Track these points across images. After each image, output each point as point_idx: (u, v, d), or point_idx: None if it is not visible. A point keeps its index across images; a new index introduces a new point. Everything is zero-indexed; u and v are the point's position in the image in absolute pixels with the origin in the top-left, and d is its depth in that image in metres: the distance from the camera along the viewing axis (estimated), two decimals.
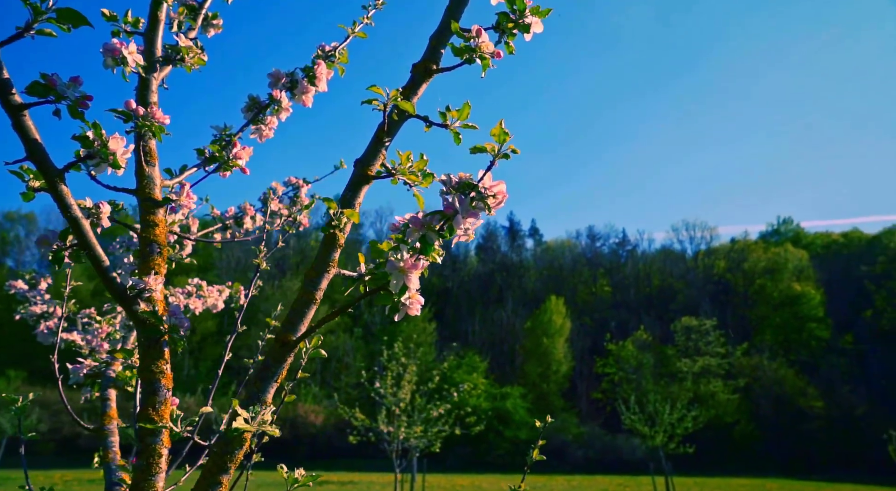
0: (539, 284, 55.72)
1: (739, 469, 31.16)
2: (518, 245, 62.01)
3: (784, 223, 60.59)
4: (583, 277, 58.18)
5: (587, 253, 61.63)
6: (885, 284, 46.89)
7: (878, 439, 25.45)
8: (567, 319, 43.69)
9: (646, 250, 60.93)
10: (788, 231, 59.27)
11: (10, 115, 1.02)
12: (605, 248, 61.80)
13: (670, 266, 56.94)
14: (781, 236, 58.20)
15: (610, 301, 54.15)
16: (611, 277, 57.69)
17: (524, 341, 43.40)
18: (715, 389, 36.37)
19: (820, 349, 43.03)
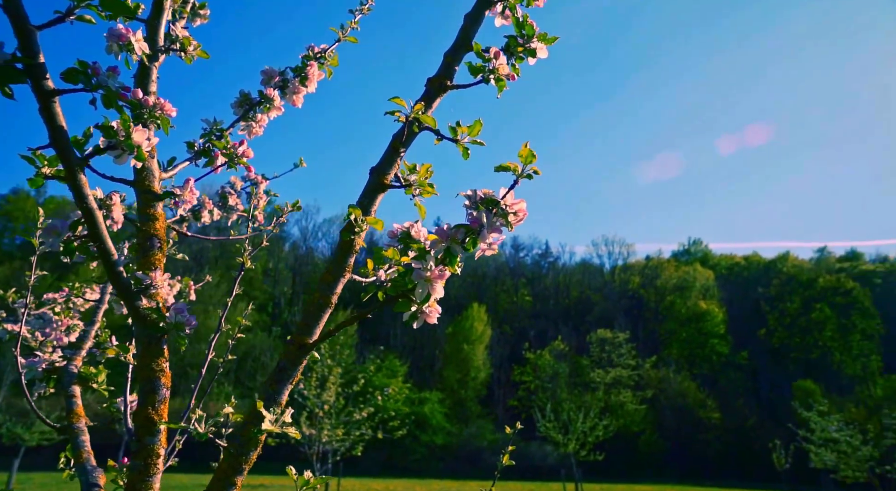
0: (462, 291, 56.28)
1: (643, 476, 32.73)
2: None
3: (694, 244, 64.34)
4: (505, 286, 59.31)
5: (510, 263, 62.91)
6: (778, 305, 50.71)
7: (765, 448, 27.50)
8: (488, 326, 44.40)
9: (566, 263, 62.98)
10: (698, 251, 62.97)
11: (40, 100, 0.99)
12: (528, 258, 63.35)
13: (589, 279, 59.08)
14: (691, 256, 61.73)
15: (530, 311, 55.53)
16: (532, 287, 59.16)
17: (445, 347, 43.70)
18: (624, 400, 37.99)
19: (720, 364, 45.91)
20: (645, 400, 39.01)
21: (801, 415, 21.79)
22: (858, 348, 45.82)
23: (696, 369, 44.60)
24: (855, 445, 18.50)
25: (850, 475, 18.48)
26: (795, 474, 28.28)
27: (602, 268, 61.48)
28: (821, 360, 45.88)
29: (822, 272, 52.76)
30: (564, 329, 49.61)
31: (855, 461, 18.36)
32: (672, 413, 37.70)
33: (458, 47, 1.47)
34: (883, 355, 46.05)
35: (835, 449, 19.14)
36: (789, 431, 24.52)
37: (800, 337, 47.43)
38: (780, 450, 22.94)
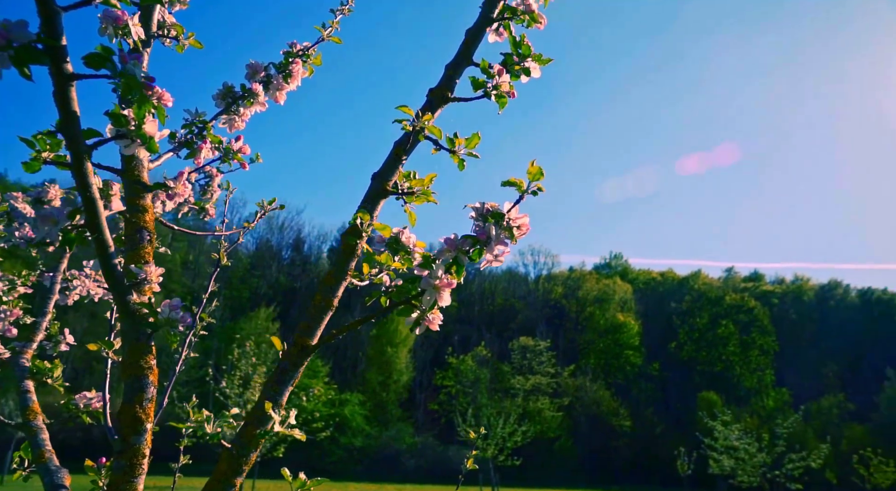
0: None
1: (557, 481, 33.69)
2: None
3: (615, 258, 67.01)
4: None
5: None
6: (688, 320, 53.63)
7: (670, 455, 29.01)
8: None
9: (493, 270, 63.96)
10: (618, 265, 65.62)
11: (57, 84, 0.95)
12: None
13: (514, 287, 60.29)
14: (612, 270, 64.24)
15: (455, 316, 56.01)
16: (458, 292, 59.57)
17: (368, 349, 43.38)
18: (542, 407, 39.00)
19: (633, 374, 48.00)
20: (562, 407, 40.20)
21: (706, 424, 23.19)
22: (756, 363, 49.16)
23: (611, 379, 46.40)
24: (751, 453, 19.98)
25: (746, 480, 19.93)
26: (696, 479, 29.95)
27: (527, 277, 62.86)
28: (723, 372, 48.87)
29: (728, 291, 56.26)
30: (488, 335, 50.39)
31: (750, 467, 19.83)
32: (587, 420, 39.06)
33: (459, 61, 1.51)
34: (776, 370, 49.62)
35: (734, 456, 20.58)
36: (693, 439, 25.99)
37: (706, 351, 50.31)
38: (684, 457, 24.25)
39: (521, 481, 29.22)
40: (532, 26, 1.54)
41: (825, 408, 41.20)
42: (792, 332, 52.95)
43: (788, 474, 19.08)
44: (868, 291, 61.05)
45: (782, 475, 18.79)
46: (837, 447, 31.47)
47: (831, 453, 23.47)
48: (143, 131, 1.08)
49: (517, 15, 1.52)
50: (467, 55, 1.51)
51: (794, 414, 24.92)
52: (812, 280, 62.04)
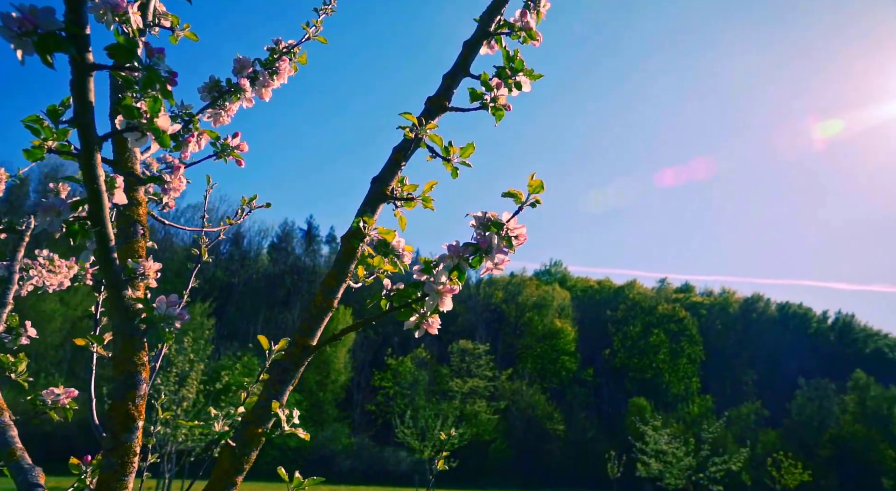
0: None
1: (491, 483, 34.07)
2: (313, 249, 61.21)
3: (555, 265, 68.47)
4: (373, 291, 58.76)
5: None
6: (622, 328, 55.41)
7: (600, 458, 29.92)
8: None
9: None
10: (557, 272, 67.07)
11: (77, 73, 0.93)
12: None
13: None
14: (551, 276, 65.59)
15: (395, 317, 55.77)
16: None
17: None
18: (479, 409, 39.39)
19: (568, 379, 49.16)
20: (498, 410, 40.71)
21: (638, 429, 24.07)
22: (684, 371, 51.27)
23: (546, 383, 47.34)
24: (679, 456, 20.94)
25: (673, 482, 20.86)
26: (624, 482, 30.95)
27: (469, 280, 63.29)
28: (653, 379, 50.72)
29: (661, 301, 58.47)
30: (427, 338, 50.48)
31: (677, 470, 20.77)
32: (522, 423, 39.72)
33: (456, 71, 1.54)
34: (701, 378, 51.93)
35: (662, 459, 21.49)
36: (623, 443, 26.90)
37: (638, 358, 52.10)
38: (615, 460, 25.04)
39: (456, 483, 29.41)
40: (528, 43, 1.59)
41: (744, 414, 43.39)
42: (718, 341, 55.59)
43: (711, 477, 20.23)
44: (786, 305, 64.78)
45: (706, 478, 19.86)
46: (753, 451, 33.24)
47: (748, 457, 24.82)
48: (156, 125, 1.07)
49: (514, 31, 1.57)
50: (465, 66, 1.55)
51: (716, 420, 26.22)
52: (738, 293, 65.29)
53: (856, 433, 42.05)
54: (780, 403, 46.91)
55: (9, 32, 0.86)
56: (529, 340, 51.51)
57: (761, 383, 53.48)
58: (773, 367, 54.56)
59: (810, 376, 47.72)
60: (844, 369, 49.93)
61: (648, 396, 45.38)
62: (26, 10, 0.86)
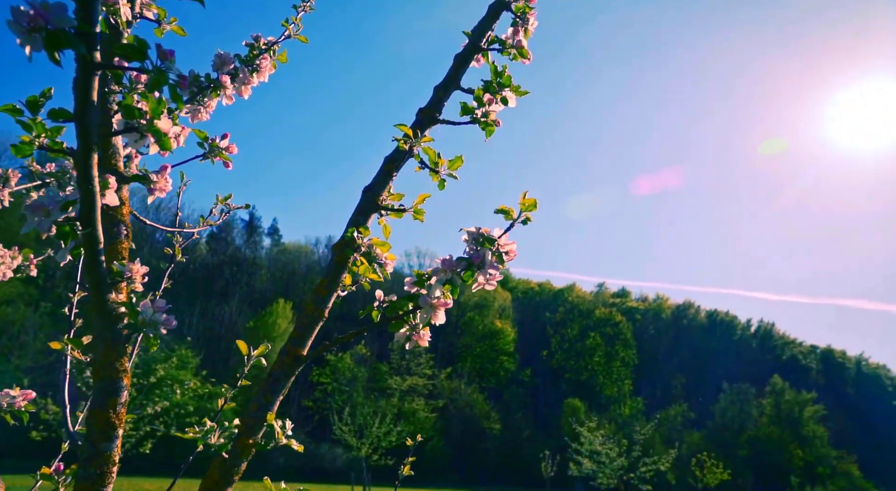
0: (269, 285, 54.32)
1: (427, 481, 34.15)
2: (254, 241, 59.84)
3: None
4: (314, 285, 58.07)
5: (322, 262, 62.19)
6: (561, 330, 56.67)
7: (535, 458, 30.56)
8: (292, 323, 43.27)
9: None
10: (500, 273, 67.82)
11: (83, 71, 0.90)
12: None
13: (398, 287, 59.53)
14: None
15: (337, 313, 54.96)
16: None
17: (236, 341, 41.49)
18: (417, 407, 39.45)
19: (506, 379, 49.87)
20: (436, 409, 40.89)
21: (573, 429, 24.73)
22: (617, 373, 52.92)
23: (484, 383, 47.88)
24: (612, 457, 21.68)
25: (605, 482, 21.58)
26: (557, 481, 31.70)
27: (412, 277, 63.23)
28: (588, 381, 52.11)
29: (598, 305, 60.13)
30: (368, 334, 50.15)
31: (610, 470, 21.50)
32: (459, 422, 40.03)
33: (447, 84, 1.56)
34: (633, 381, 53.76)
35: (596, 460, 22.20)
36: (557, 443, 27.57)
37: (574, 360, 53.40)
38: (549, 459, 25.62)
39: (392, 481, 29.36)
40: (518, 60, 1.62)
41: (672, 416, 45.21)
42: (650, 346, 57.67)
43: (642, 477, 21.10)
44: (714, 313, 67.87)
45: (637, 478, 20.69)
46: (679, 451, 34.73)
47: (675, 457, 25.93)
48: (156, 126, 1.04)
49: (506, 48, 1.60)
50: (456, 79, 1.56)
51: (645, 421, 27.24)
52: (670, 300, 67.91)
53: (770, 435, 44.59)
54: (705, 405, 49.15)
55: (18, 27, 0.83)
56: (469, 339, 51.96)
57: (689, 387, 55.87)
58: (700, 371, 57.10)
59: (733, 381, 50.22)
60: (764, 374, 52.83)
61: (583, 398, 46.59)
62: (38, 6, 0.83)
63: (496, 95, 1.60)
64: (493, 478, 38.03)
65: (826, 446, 46.16)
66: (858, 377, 66.83)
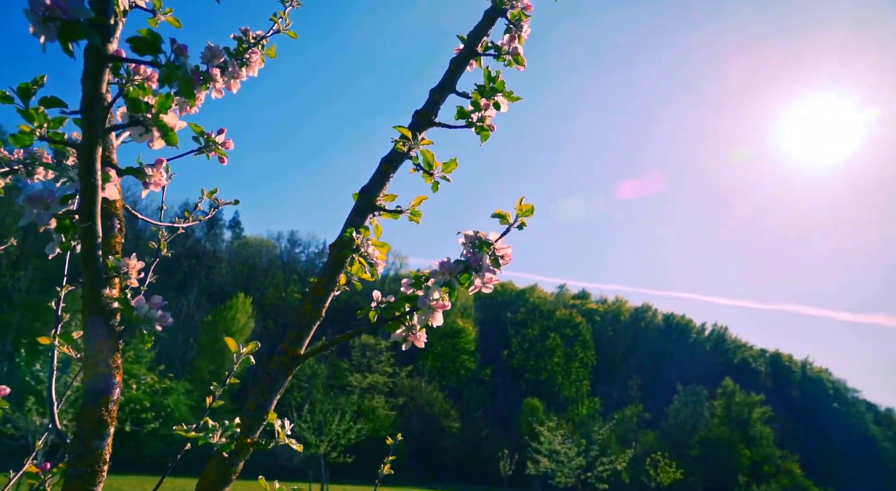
0: (229, 279, 53.36)
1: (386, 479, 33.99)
2: (215, 234, 58.57)
3: None
4: (275, 280, 57.61)
5: (284, 257, 61.37)
6: (521, 330, 57.22)
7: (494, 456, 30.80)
8: (252, 319, 42.58)
9: None
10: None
11: (94, 63, 0.89)
12: (304, 255, 62.35)
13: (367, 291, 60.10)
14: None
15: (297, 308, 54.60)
16: (303, 284, 58.34)
17: (200, 336, 40.68)
18: (377, 405, 39.30)
19: (466, 378, 50.11)
20: (396, 406, 40.81)
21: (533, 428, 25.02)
22: (576, 374, 53.75)
23: (445, 381, 48.01)
24: (571, 456, 22.03)
25: (563, 481, 21.93)
26: (515, 480, 32.04)
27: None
28: (547, 381, 52.77)
29: (559, 306, 60.93)
30: (329, 331, 49.70)
31: (568, 469, 21.85)
32: (419, 420, 40.04)
33: (443, 87, 1.57)
34: (591, 381, 54.69)
35: (555, 459, 22.53)
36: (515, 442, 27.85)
37: (534, 360, 54.00)
38: (507, 458, 25.87)
39: (351, 479, 29.18)
40: (512, 66, 1.65)
41: (627, 416, 46.15)
42: (609, 347, 58.75)
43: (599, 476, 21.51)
44: (670, 316, 69.54)
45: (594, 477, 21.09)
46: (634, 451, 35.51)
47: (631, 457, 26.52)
48: (163, 121, 1.03)
49: (501, 53, 1.62)
50: (451, 83, 1.58)
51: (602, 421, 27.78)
52: (629, 303, 69.30)
53: (720, 435, 46.02)
54: (660, 406, 50.35)
55: (34, 16, 0.81)
56: (431, 337, 50.88)
57: (645, 388, 57.13)
58: (656, 372, 58.47)
59: (687, 382, 51.59)
60: (716, 377, 54.46)
61: (542, 397, 47.15)
62: None
63: (490, 100, 1.62)
64: (452, 476, 38.20)
65: (772, 446, 47.89)
66: (803, 380, 69.46)
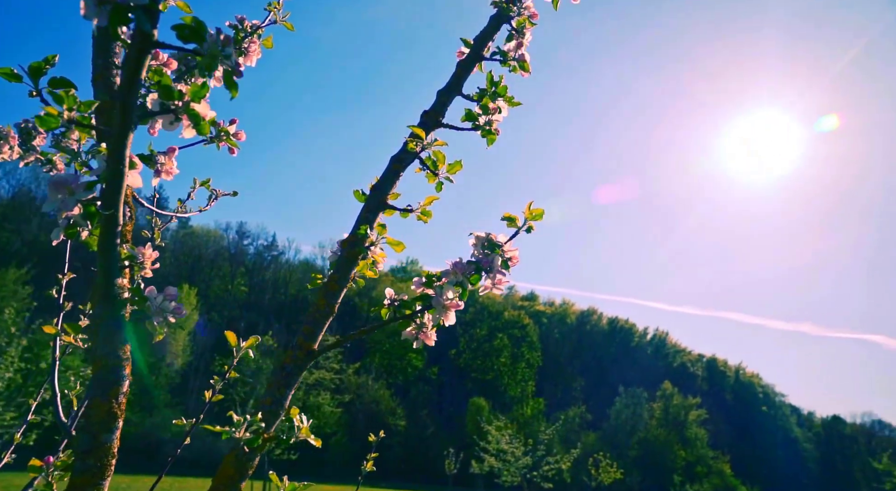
0: (173, 269, 51.66)
1: (331, 476, 33.73)
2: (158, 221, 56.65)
3: (412, 263, 69.48)
4: (221, 272, 56.21)
5: (232, 248, 59.93)
6: (470, 330, 57.65)
7: (439, 454, 30.95)
8: (196, 310, 41.44)
9: (290, 259, 62.27)
10: (413, 271, 68.12)
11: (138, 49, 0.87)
12: (252, 247, 61.05)
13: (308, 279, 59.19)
14: (407, 275, 66.47)
15: (244, 301, 53.46)
16: (250, 277, 57.16)
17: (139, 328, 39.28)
18: (323, 402, 38.85)
19: (413, 376, 50.13)
20: (342, 404, 40.45)
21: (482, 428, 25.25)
22: (522, 375, 54.54)
23: (392, 379, 47.89)
24: (517, 456, 22.35)
25: (509, 480, 22.22)
26: (459, 479, 32.27)
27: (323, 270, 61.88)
28: (493, 381, 53.34)
29: (508, 307, 61.65)
30: (276, 325, 48.80)
31: (514, 468, 22.17)
32: (364, 418, 39.82)
33: (450, 89, 1.59)
34: (537, 382, 55.63)
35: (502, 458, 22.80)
36: (460, 441, 28.06)
37: (481, 360, 54.49)
38: (452, 457, 26.04)
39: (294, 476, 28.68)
40: (517, 72, 1.68)
41: (571, 417, 47.19)
42: (554, 349, 59.86)
43: (544, 475, 21.91)
44: (615, 320, 71.43)
45: (539, 476, 21.47)
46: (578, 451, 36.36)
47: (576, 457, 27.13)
48: (194, 109, 1.01)
49: (507, 60, 1.65)
50: (458, 85, 1.60)
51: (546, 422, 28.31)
52: (576, 306, 70.77)
53: (658, 436, 47.65)
54: (602, 408, 51.69)
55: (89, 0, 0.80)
56: (379, 335, 51.73)
57: (588, 389, 58.51)
58: (599, 375, 59.95)
59: (629, 385, 53.15)
60: (656, 380, 56.29)
61: (487, 397, 47.65)
62: None
63: (494, 103, 1.65)
64: (397, 474, 38.15)
65: (705, 447, 49.89)
66: (736, 384, 72.53)
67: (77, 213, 0.97)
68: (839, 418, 70.65)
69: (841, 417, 70.83)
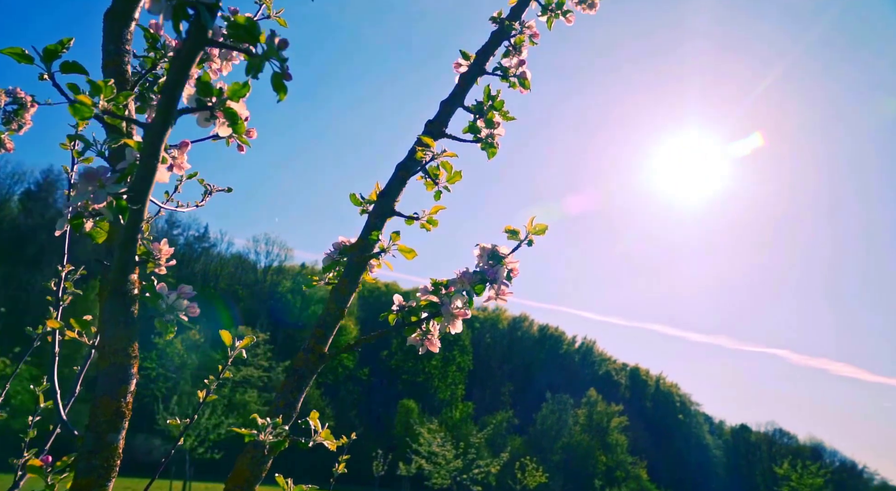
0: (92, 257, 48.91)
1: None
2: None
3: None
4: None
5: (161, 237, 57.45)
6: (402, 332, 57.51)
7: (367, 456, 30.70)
8: None
9: (222, 252, 60.26)
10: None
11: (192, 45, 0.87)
12: (182, 238, 58.69)
13: (241, 274, 57.68)
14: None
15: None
16: (178, 269, 54.90)
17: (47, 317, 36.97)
18: (250, 400, 37.79)
19: (343, 376, 49.55)
20: (269, 402, 39.48)
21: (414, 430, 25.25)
22: (452, 378, 54.93)
23: (322, 378, 47.10)
24: (449, 458, 22.51)
25: (439, 482, 22.35)
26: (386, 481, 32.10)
27: (256, 265, 60.62)
28: (423, 383, 53.43)
29: None
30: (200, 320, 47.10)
31: (445, 470, 22.32)
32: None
33: (453, 101, 1.63)
34: (467, 386, 56.16)
35: (432, 460, 22.90)
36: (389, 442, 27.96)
37: (412, 362, 54.46)
38: (381, 458, 25.91)
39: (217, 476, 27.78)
40: (516, 88, 1.73)
41: (498, 421, 47.88)
42: (485, 353, 60.60)
43: (473, 478, 22.17)
44: (545, 327, 73.06)
45: (468, 479, 21.72)
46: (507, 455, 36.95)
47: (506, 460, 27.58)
48: (231, 107, 1.01)
49: (507, 75, 1.70)
50: (461, 97, 1.64)
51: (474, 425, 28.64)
52: (508, 312, 71.89)
53: (581, 442, 49.11)
54: (529, 413, 52.74)
55: None
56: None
57: (516, 394, 59.55)
58: (528, 380, 61.15)
59: (556, 391, 54.49)
60: (582, 387, 58.01)
61: (417, 399, 47.69)
62: None
63: (490, 115, 1.70)
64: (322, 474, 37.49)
65: (625, 453, 51.78)
66: (656, 393, 75.63)
67: (104, 206, 0.94)
68: (746, 427, 74.86)
69: (748, 426, 75.08)
